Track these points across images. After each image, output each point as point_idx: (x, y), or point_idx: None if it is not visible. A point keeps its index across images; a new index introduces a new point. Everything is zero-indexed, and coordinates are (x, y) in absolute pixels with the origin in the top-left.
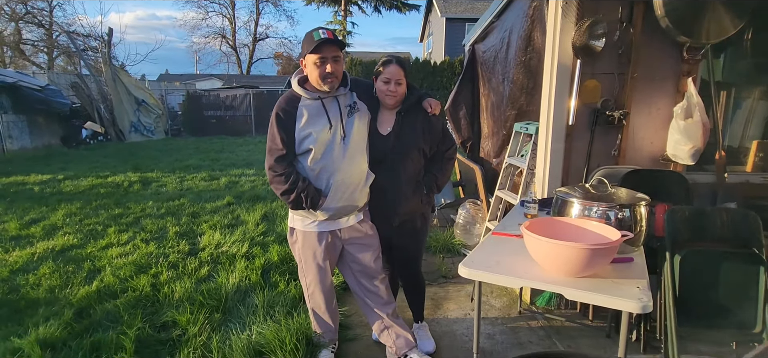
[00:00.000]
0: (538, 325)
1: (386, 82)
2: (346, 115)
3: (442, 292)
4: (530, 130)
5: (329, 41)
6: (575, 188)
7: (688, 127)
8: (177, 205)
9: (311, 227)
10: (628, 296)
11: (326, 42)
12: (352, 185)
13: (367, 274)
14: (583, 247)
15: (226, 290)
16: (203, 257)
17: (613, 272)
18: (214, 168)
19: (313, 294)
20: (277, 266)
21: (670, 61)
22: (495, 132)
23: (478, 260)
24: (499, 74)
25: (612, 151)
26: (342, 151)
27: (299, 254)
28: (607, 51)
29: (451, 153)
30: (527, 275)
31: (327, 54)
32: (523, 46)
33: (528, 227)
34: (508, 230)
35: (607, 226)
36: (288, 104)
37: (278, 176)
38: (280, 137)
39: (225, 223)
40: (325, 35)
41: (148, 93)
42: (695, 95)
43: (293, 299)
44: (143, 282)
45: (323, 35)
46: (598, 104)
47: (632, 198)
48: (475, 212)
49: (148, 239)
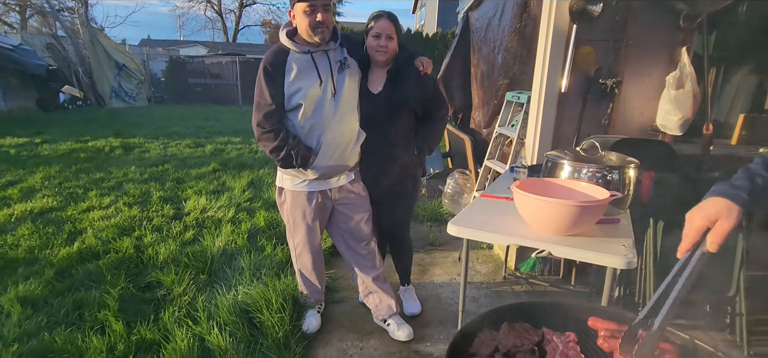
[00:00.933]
0: (521, 289)
1: (377, 37)
2: (336, 71)
3: (429, 258)
4: (522, 100)
5: None
6: (566, 151)
7: (678, 97)
8: (161, 170)
9: (301, 187)
10: (614, 252)
11: None
12: (342, 143)
13: (356, 236)
14: (572, 204)
15: (212, 253)
16: (188, 221)
17: (599, 232)
18: (200, 136)
19: (300, 254)
20: (264, 231)
21: (665, 30)
22: (486, 102)
23: (467, 219)
24: (492, 42)
25: (602, 120)
26: (333, 108)
27: (287, 215)
28: (604, 17)
29: (442, 113)
30: (515, 234)
31: (316, 2)
32: (519, 13)
33: (518, 186)
34: (497, 192)
35: (596, 186)
36: (276, 58)
37: (267, 133)
38: (268, 92)
39: (210, 189)
40: None
41: (130, 57)
42: (688, 65)
43: (280, 262)
44: (126, 244)
45: None
46: (592, 72)
47: (622, 161)
48: (464, 182)
49: (131, 203)
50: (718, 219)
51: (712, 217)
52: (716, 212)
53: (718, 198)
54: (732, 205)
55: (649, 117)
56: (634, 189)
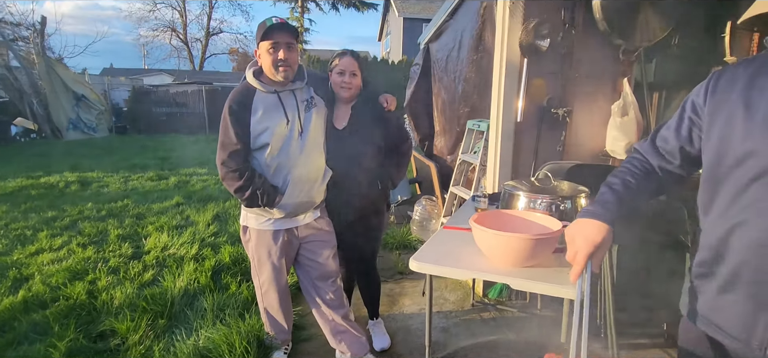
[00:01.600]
0: (490, 316)
1: (341, 74)
2: (303, 110)
3: (398, 288)
4: (482, 128)
5: (281, 27)
6: (522, 182)
7: (624, 125)
8: (120, 206)
9: (266, 226)
10: (568, 283)
11: (278, 27)
12: (309, 181)
13: (323, 275)
14: (527, 237)
15: (173, 294)
16: (148, 261)
17: (555, 262)
18: (163, 167)
19: (266, 293)
20: (229, 268)
21: (608, 62)
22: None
23: (429, 253)
24: (452, 73)
25: (557, 147)
26: (299, 146)
27: (253, 253)
28: (552, 51)
29: (406, 148)
30: (476, 267)
31: (280, 39)
32: (475, 45)
33: (476, 220)
34: (459, 223)
35: (550, 217)
36: (242, 97)
37: (232, 172)
38: (234, 131)
39: (173, 224)
40: (277, 20)
41: (89, 88)
42: (630, 94)
43: (245, 301)
44: (78, 289)
45: (275, 20)
46: (544, 102)
47: (573, 190)
48: (431, 208)
49: (86, 243)
50: (596, 242)
51: (592, 241)
52: (594, 235)
53: (593, 221)
54: (603, 226)
55: (600, 143)
56: None
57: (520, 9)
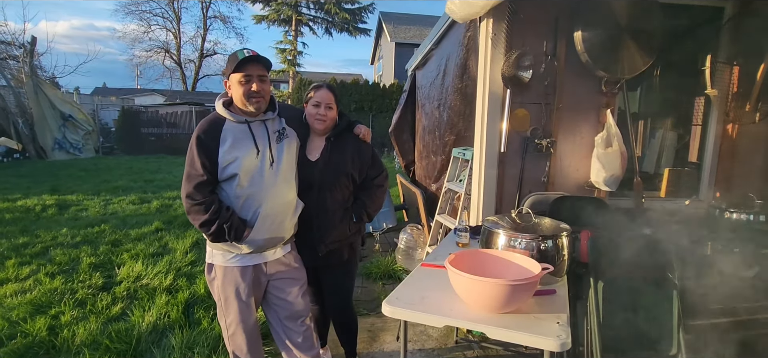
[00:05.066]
0: (473, 354)
1: (316, 106)
2: (275, 141)
3: (380, 322)
4: (467, 156)
5: (254, 59)
6: (504, 217)
7: (607, 156)
8: (96, 232)
9: (233, 262)
10: (548, 333)
11: (251, 60)
12: (280, 214)
13: (292, 315)
14: (504, 283)
15: (140, 331)
16: (118, 292)
17: (535, 307)
18: (147, 190)
19: (234, 335)
20: (204, 300)
21: (591, 94)
22: (433, 157)
23: (404, 296)
24: (437, 100)
25: (542, 177)
26: (272, 178)
27: (219, 293)
28: (535, 82)
29: (380, 180)
30: (452, 313)
31: (252, 72)
32: (460, 74)
33: (452, 262)
34: (438, 260)
35: (530, 258)
36: (210, 126)
37: (197, 205)
38: (200, 162)
39: (150, 252)
40: (250, 53)
41: (77, 107)
42: (613, 126)
43: (217, 338)
44: (39, 325)
45: (248, 53)
46: (528, 133)
47: (555, 229)
48: (417, 236)
49: (55, 273)
50: None
51: None
52: None
53: None
54: None
55: (584, 174)
56: (571, 251)
57: (502, 40)
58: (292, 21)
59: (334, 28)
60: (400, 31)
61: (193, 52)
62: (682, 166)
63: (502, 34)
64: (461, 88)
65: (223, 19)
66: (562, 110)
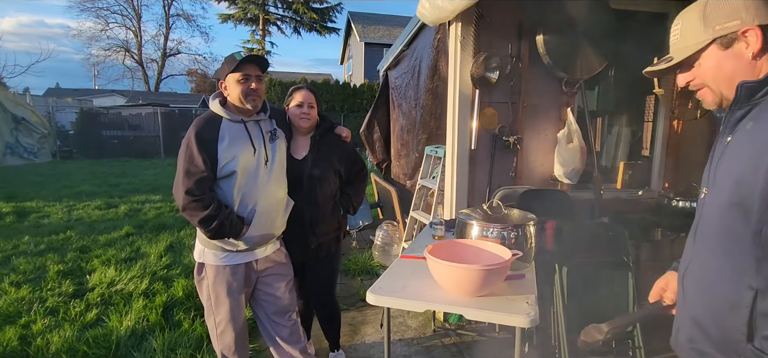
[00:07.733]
0: (450, 342)
1: (299, 106)
2: (268, 140)
3: (360, 316)
4: (439, 154)
5: (252, 59)
6: (476, 210)
7: (568, 151)
8: (62, 239)
9: (225, 261)
10: (518, 312)
11: (249, 59)
12: (273, 212)
13: (279, 310)
14: (478, 268)
15: (118, 336)
16: (91, 299)
17: (507, 289)
18: (113, 195)
19: (223, 333)
20: (182, 303)
21: (553, 93)
22: (408, 155)
23: (386, 285)
24: (411, 99)
25: (510, 172)
26: (266, 176)
27: (208, 292)
28: (501, 82)
29: (363, 174)
30: (432, 298)
31: (250, 72)
32: (431, 74)
33: (430, 251)
34: (416, 252)
35: (501, 246)
36: (208, 124)
37: (196, 201)
38: (201, 158)
39: (122, 257)
40: (247, 54)
41: (30, 109)
42: (573, 123)
43: (199, 339)
44: (9, 335)
45: (244, 54)
46: (496, 130)
47: (523, 219)
48: (393, 232)
49: (21, 282)
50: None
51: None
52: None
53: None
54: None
55: (548, 168)
56: (537, 239)
57: (470, 43)
58: (259, 20)
59: (302, 27)
60: (369, 30)
61: (155, 52)
62: (636, 160)
63: (471, 37)
64: (432, 89)
65: (187, 17)
66: (527, 109)
